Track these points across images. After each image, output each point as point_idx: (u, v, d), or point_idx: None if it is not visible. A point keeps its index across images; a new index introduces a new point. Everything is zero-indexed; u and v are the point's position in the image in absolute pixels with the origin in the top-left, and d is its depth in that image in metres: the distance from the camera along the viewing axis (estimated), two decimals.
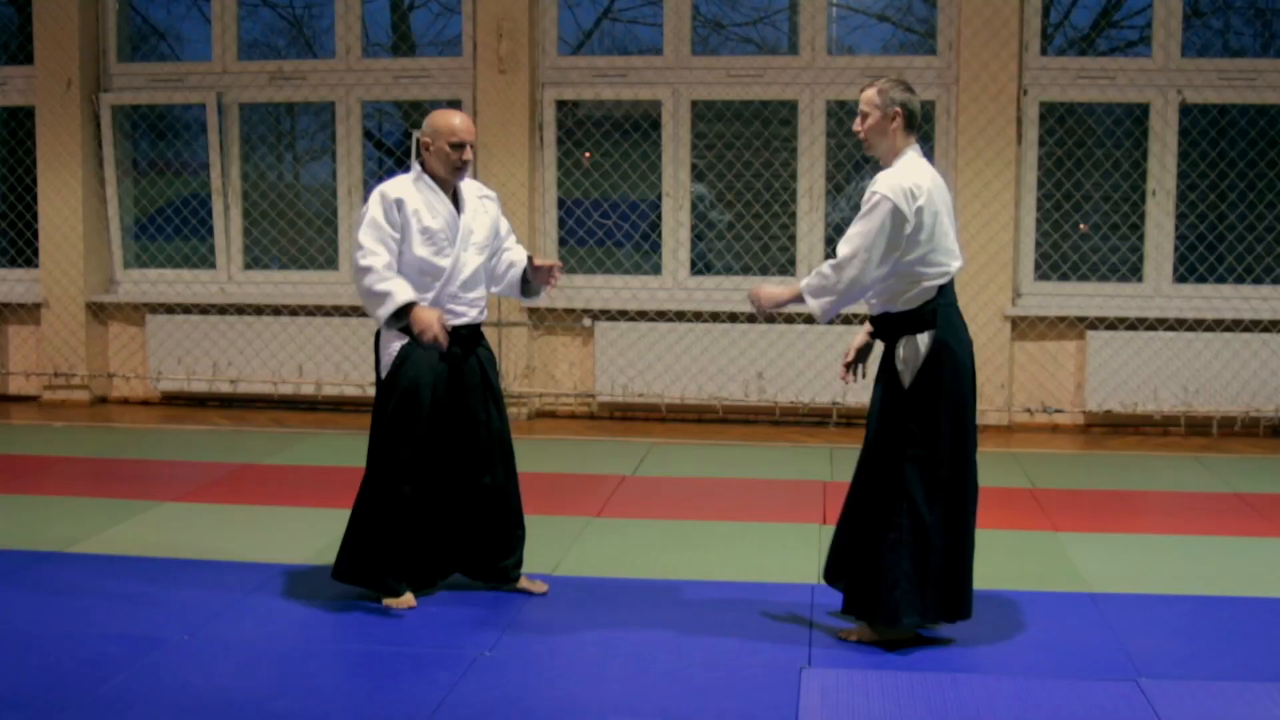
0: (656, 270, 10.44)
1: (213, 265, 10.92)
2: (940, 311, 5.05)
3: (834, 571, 5.32)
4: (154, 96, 10.78)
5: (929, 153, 9.98)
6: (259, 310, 10.66)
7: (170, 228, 10.99)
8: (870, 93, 5.26)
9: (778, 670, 4.76)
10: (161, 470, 8.33)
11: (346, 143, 10.60)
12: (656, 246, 10.43)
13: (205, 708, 4.36)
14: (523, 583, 5.72)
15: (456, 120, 5.50)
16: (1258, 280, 9.96)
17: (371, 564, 5.48)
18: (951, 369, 5.01)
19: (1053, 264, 10.06)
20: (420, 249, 5.48)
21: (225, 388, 10.66)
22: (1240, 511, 7.39)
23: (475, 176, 10.10)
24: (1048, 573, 6.11)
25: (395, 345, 5.54)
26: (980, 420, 7.52)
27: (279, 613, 5.42)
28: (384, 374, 5.57)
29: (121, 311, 10.90)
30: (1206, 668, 4.83)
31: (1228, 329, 9.79)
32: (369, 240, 5.44)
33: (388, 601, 5.47)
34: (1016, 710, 4.39)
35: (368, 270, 5.40)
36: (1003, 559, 6.31)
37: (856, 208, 5.16)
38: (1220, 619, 5.43)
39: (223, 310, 10.70)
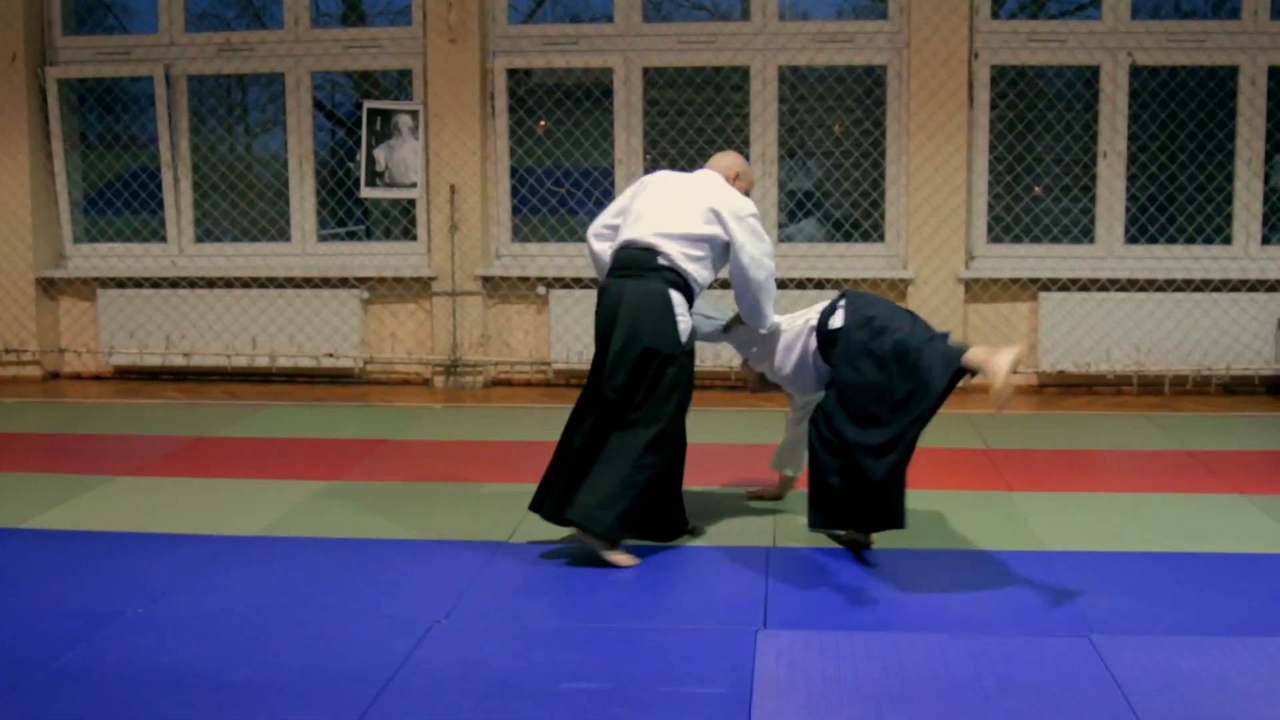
0: None
1: (164, 239, 10.84)
2: None
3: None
4: (100, 70, 10.68)
5: (881, 117, 10.04)
6: (211, 283, 10.60)
7: (120, 202, 10.90)
8: None
9: (733, 632, 4.77)
10: (115, 444, 8.28)
11: (297, 114, 10.53)
12: None
13: (161, 681, 4.34)
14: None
15: (753, 174, 6.48)
16: (1208, 240, 10.03)
17: (648, 517, 5.83)
18: None
19: (1005, 226, 10.09)
20: None
21: (178, 361, 10.60)
22: (1191, 469, 7.45)
23: (427, 145, 10.11)
24: (1002, 532, 6.14)
25: (686, 317, 5.81)
26: None
27: (234, 585, 5.40)
28: (683, 340, 5.80)
29: (72, 286, 10.81)
30: (1158, 623, 4.87)
31: (1179, 289, 9.86)
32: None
33: (617, 558, 5.64)
34: (970, 667, 4.42)
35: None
36: (957, 519, 6.34)
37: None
38: (1172, 574, 5.48)
39: (174, 284, 10.63)
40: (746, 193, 6.16)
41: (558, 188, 10.45)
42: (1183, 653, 4.55)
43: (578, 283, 10.23)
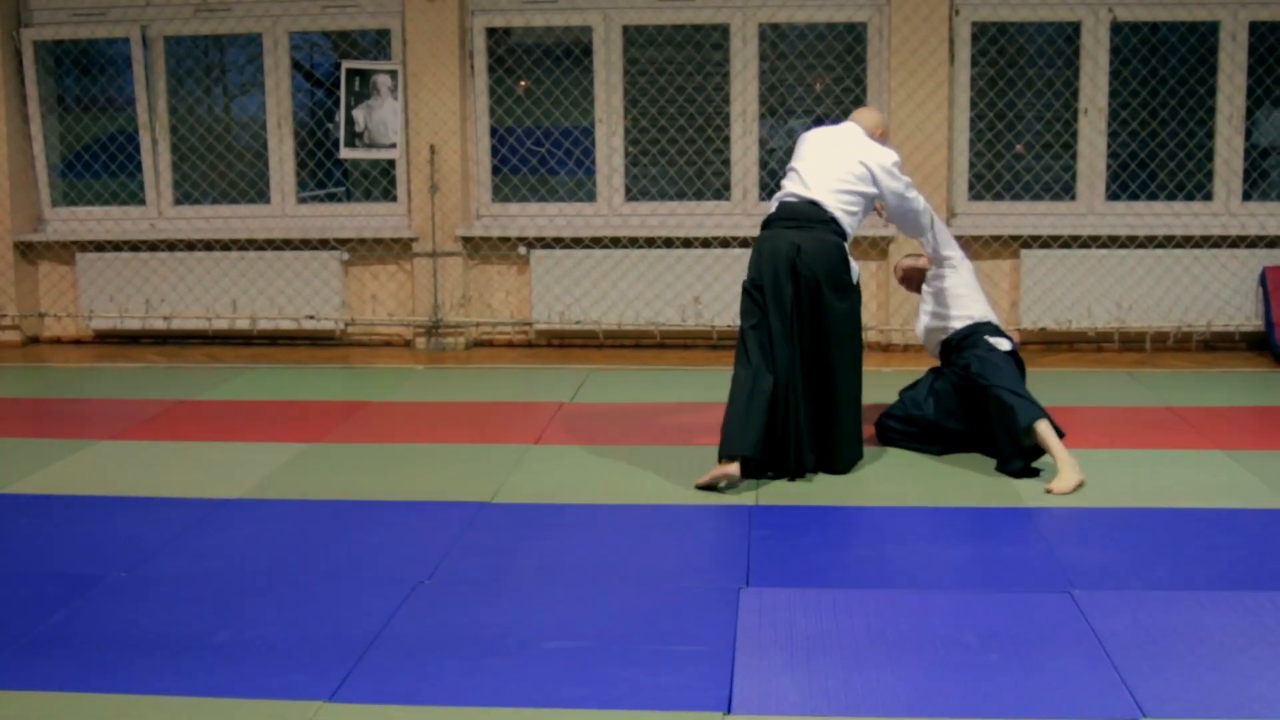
0: (591, 197, 10.40)
1: (142, 202, 10.78)
2: None
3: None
4: (76, 31, 10.60)
5: (861, 75, 10.02)
6: (190, 246, 10.56)
7: (98, 164, 10.84)
8: None
9: (716, 590, 4.78)
10: (96, 409, 8.26)
11: (275, 75, 10.48)
12: (591, 173, 10.39)
13: (145, 644, 4.34)
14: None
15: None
16: (1189, 197, 10.04)
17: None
18: None
19: (986, 184, 10.09)
20: None
21: (159, 324, 10.56)
22: (1172, 425, 7.48)
23: (406, 105, 10.06)
24: (983, 489, 6.16)
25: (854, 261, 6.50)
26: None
27: (217, 548, 5.39)
28: (855, 280, 6.44)
29: (51, 250, 10.76)
30: (1139, 578, 4.89)
31: (1160, 245, 9.87)
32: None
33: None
34: (952, 624, 4.43)
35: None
36: (939, 476, 6.37)
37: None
38: (1153, 530, 5.50)
39: (154, 247, 10.59)
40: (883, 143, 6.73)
41: (538, 147, 10.42)
42: (1164, 608, 4.57)
43: (559, 243, 10.21)
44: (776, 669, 4.12)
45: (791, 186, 6.46)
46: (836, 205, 6.34)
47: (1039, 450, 6.30)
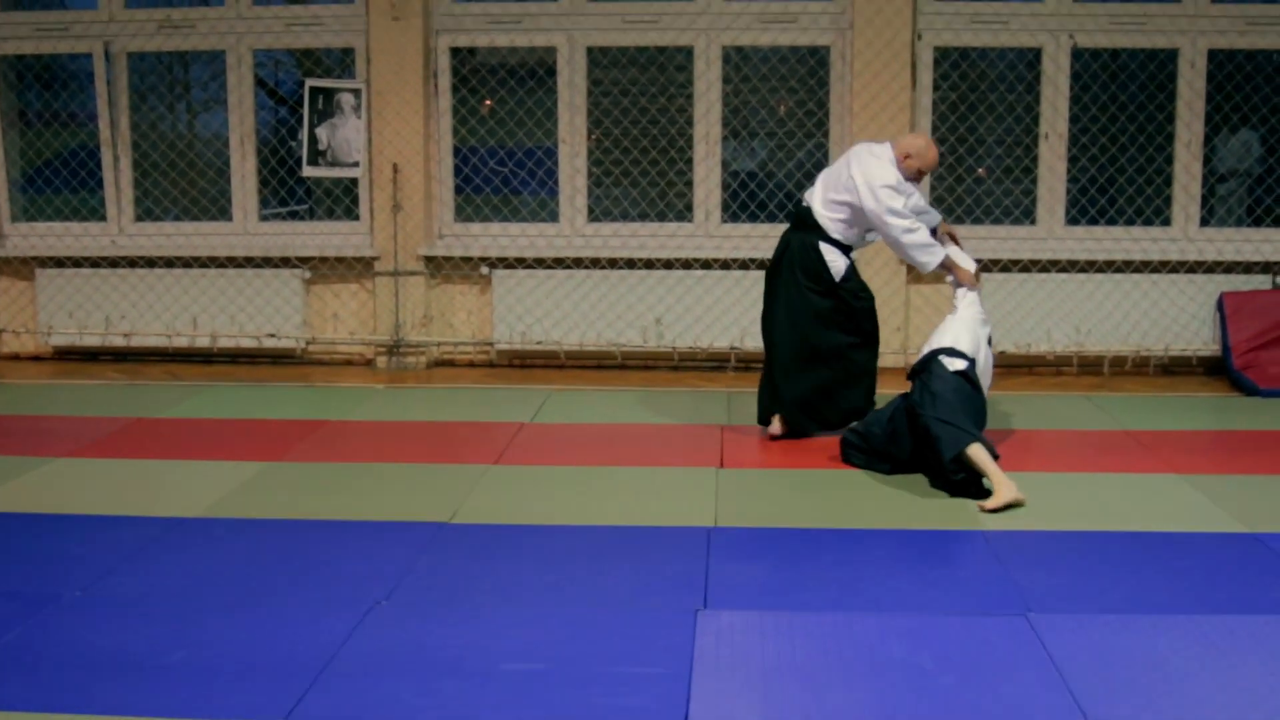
0: (554, 218, 10.41)
1: (103, 218, 10.73)
2: None
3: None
4: (39, 46, 10.56)
5: (824, 98, 10.07)
6: (151, 263, 10.51)
7: (59, 180, 10.79)
8: None
9: (673, 613, 4.79)
10: (54, 426, 8.21)
11: (238, 92, 10.45)
12: (554, 194, 10.40)
13: (100, 664, 4.33)
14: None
15: (935, 161, 7.51)
16: (1148, 222, 10.11)
17: None
18: None
19: (947, 208, 10.13)
20: None
21: (119, 341, 10.51)
22: (1129, 449, 7.52)
23: (369, 124, 10.06)
24: (941, 511, 6.19)
25: (838, 261, 7.50)
26: (880, 363, 7.97)
27: (174, 567, 5.37)
28: (836, 279, 7.49)
29: (10, 266, 10.70)
30: (1094, 601, 4.93)
31: (1118, 270, 9.94)
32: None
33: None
34: (908, 646, 4.45)
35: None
36: (897, 499, 6.39)
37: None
38: (1108, 553, 5.53)
39: (114, 263, 10.54)
40: (917, 171, 7.37)
41: (501, 167, 10.42)
42: (1119, 631, 4.60)
43: (521, 263, 10.21)
44: (733, 691, 4.13)
45: (807, 191, 7.62)
46: (823, 213, 7.42)
47: (976, 476, 6.36)
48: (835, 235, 7.44)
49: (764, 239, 10.10)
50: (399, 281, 10.22)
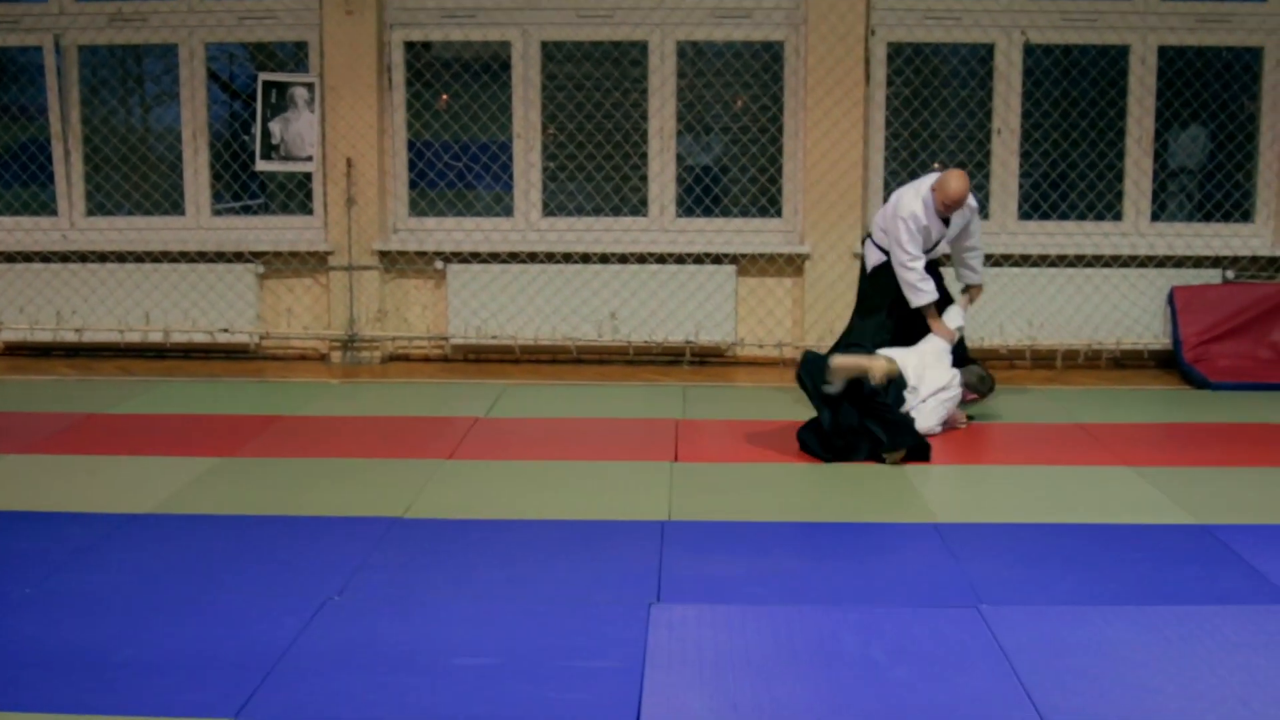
0: (509, 212, 10.39)
1: (54, 212, 10.65)
2: None
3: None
4: None
5: (779, 93, 10.09)
6: (103, 258, 10.44)
7: (9, 174, 10.70)
8: None
9: (627, 606, 4.80)
10: (4, 422, 8.14)
11: (191, 85, 10.39)
12: (509, 188, 10.37)
13: (49, 661, 4.30)
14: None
15: (956, 196, 7.84)
16: (1099, 217, 10.18)
17: None
18: None
19: None
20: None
21: (70, 337, 10.44)
22: (1081, 442, 7.57)
23: (323, 118, 10.02)
24: (894, 504, 6.22)
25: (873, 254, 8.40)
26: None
27: (124, 563, 5.34)
28: (865, 285, 8.48)
29: None
30: (1045, 593, 4.96)
31: (1071, 265, 10.01)
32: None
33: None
34: (860, 638, 4.47)
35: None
36: (850, 491, 6.42)
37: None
38: (1060, 545, 5.57)
39: (65, 258, 10.46)
40: (942, 204, 7.86)
41: (455, 161, 10.40)
42: (1070, 623, 4.64)
43: (475, 257, 10.19)
44: (686, 685, 4.14)
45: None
46: (874, 237, 8.36)
47: (920, 440, 7.01)
48: (879, 257, 8.36)
49: (718, 233, 10.12)
50: (353, 276, 10.19)
